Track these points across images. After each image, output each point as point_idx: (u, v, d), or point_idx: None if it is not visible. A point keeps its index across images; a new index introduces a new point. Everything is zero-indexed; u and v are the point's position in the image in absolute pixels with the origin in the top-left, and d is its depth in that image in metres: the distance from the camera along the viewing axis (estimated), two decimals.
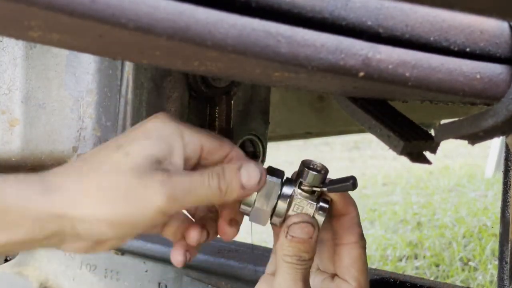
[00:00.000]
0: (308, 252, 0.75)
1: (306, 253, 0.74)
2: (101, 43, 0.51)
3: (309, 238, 0.74)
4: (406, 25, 0.56)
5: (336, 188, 0.75)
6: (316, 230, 0.75)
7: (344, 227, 0.79)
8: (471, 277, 3.21)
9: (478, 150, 6.48)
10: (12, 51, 0.85)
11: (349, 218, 0.79)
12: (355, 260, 0.79)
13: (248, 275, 1.24)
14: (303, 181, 0.76)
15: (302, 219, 0.75)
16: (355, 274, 0.79)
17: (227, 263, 1.28)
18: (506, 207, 0.89)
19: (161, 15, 0.45)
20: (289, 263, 0.75)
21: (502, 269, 0.90)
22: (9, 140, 0.87)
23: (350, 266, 0.79)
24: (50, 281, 1.63)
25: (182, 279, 1.34)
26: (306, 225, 0.75)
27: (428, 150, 0.71)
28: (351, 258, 0.79)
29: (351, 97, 0.72)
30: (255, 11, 0.49)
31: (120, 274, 1.48)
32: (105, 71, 0.92)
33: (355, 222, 0.79)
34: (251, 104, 1.10)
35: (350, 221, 0.79)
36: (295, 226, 0.75)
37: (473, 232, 3.79)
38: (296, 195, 0.76)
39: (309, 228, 0.75)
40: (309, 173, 0.75)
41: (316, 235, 0.75)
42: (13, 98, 0.86)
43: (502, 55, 0.60)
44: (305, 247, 0.74)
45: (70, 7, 0.43)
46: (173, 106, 1.01)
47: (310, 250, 0.75)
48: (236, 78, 0.91)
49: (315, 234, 0.75)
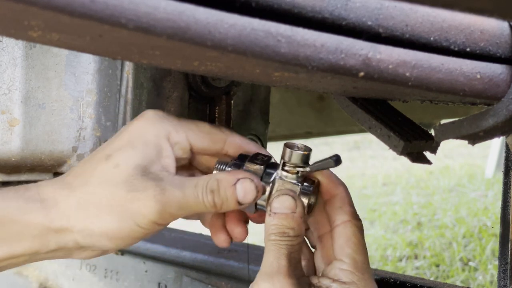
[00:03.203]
0: (292, 228, 0.71)
1: (291, 229, 0.71)
2: (101, 43, 0.51)
3: (291, 212, 0.71)
4: (406, 25, 0.56)
5: (318, 166, 0.74)
6: (300, 206, 0.72)
7: (334, 208, 0.77)
8: (471, 277, 3.21)
9: (478, 150, 6.48)
10: (12, 51, 0.85)
11: (339, 198, 0.77)
12: (349, 238, 0.75)
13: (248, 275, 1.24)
14: (286, 162, 0.74)
15: (281, 193, 0.73)
16: (349, 252, 0.75)
17: (227, 263, 1.28)
18: (506, 207, 0.89)
19: (161, 15, 0.45)
20: (273, 240, 0.71)
21: (502, 269, 0.90)
22: (9, 140, 0.86)
23: (344, 245, 0.75)
24: (50, 281, 1.63)
25: (182, 279, 1.34)
26: (286, 198, 0.72)
27: (428, 150, 0.71)
28: (345, 237, 0.75)
29: (351, 97, 0.72)
30: (255, 11, 0.49)
31: (120, 274, 1.48)
32: (105, 71, 0.92)
33: (346, 202, 0.77)
34: (251, 104, 1.10)
35: (341, 201, 0.77)
36: (275, 200, 0.72)
37: (473, 232, 3.79)
38: (278, 177, 0.74)
39: (289, 202, 0.72)
40: (292, 153, 0.74)
41: (300, 211, 0.72)
42: (12, 98, 0.86)
43: (502, 55, 0.60)
44: (288, 222, 0.71)
45: (70, 7, 0.43)
46: (173, 106, 1.01)
47: (295, 225, 0.71)
48: (236, 78, 0.91)
49: (299, 209, 0.72)
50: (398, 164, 6.56)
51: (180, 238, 1.47)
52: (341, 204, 0.77)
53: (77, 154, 0.92)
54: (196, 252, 1.34)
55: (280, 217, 0.71)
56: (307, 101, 1.87)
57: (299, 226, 0.72)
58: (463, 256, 3.43)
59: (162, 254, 1.38)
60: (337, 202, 0.77)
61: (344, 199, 0.77)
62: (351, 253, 0.75)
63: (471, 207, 4.45)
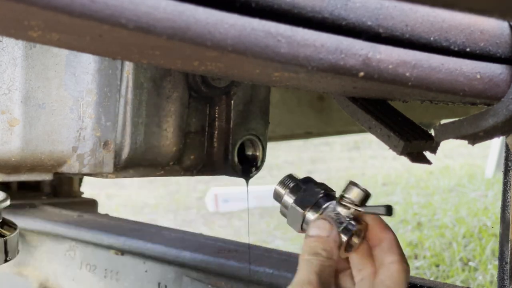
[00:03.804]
0: (325, 250, 0.73)
1: (323, 250, 0.73)
2: (101, 43, 0.51)
3: (326, 236, 0.74)
4: (406, 25, 0.56)
5: (371, 209, 0.76)
6: (334, 230, 0.74)
7: (383, 251, 0.76)
8: (471, 277, 3.21)
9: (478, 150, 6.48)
10: (12, 51, 0.85)
11: (388, 241, 0.76)
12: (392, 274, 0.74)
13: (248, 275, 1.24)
14: (344, 195, 0.76)
15: (319, 217, 0.76)
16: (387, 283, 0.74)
17: (227, 263, 1.28)
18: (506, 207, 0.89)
19: (161, 15, 0.45)
20: (306, 259, 0.73)
21: (502, 269, 0.90)
22: (9, 140, 0.87)
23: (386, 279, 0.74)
24: (50, 281, 1.63)
25: (182, 279, 1.34)
26: (323, 222, 0.75)
27: (428, 150, 0.71)
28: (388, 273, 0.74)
29: (351, 97, 0.72)
30: (255, 11, 0.49)
31: (120, 274, 1.48)
32: (104, 71, 0.92)
33: (394, 245, 0.76)
34: (251, 104, 1.10)
35: (389, 244, 0.76)
36: (312, 224, 0.75)
37: (473, 232, 3.79)
38: (330, 208, 0.77)
39: (325, 225, 0.74)
40: (353, 188, 0.76)
41: (335, 235, 0.74)
42: (12, 98, 0.86)
43: (502, 55, 0.60)
44: (322, 244, 0.73)
45: (70, 7, 0.43)
46: (173, 106, 1.01)
47: (328, 248, 0.73)
48: (236, 78, 0.91)
49: (333, 233, 0.74)
50: (398, 164, 6.57)
51: (180, 238, 1.47)
52: (390, 246, 0.77)
53: (77, 154, 0.92)
54: (196, 252, 1.34)
55: (314, 239, 0.74)
56: (307, 101, 1.87)
57: (331, 249, 0.74)
58: (463, 256, 3.43)
59: (162, 254, 1.38)
60: (385, 246, 0.77)
61: (393, 243, 0.77)
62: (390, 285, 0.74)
63: (471, 207, 4.45)
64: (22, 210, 1.75)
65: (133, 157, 0.99)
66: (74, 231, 1.57)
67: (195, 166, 1.08)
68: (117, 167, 0.98)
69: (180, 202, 5.69)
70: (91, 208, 1.90)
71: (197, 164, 1.08)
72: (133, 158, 0.99)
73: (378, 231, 0.77)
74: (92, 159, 0.93)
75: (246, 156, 1.07)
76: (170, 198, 5.83)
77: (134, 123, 0.96)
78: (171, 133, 1.02)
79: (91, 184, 4.15)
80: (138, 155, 0.99)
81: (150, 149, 1.00)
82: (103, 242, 1.50)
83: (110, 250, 1.49)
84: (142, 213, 5.25)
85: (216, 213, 5.31)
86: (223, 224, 4.93)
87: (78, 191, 1.98)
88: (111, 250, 1.49)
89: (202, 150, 1.08)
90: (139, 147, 0.98)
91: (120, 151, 0.97)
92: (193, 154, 1.07)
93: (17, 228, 1.12)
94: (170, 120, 1.01)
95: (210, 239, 1.50)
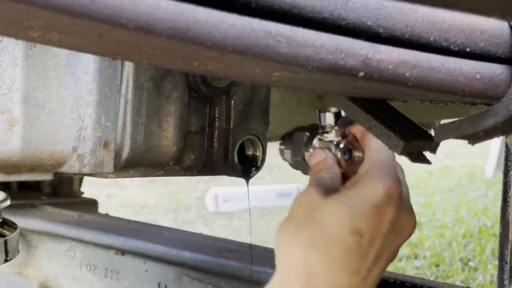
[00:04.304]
0: (325, 168, 0.80)
1: (324, 169, 0.80)
2: (101, 43, 0.51)
3: (322, 159, 0.81)
4: (406, 25, 0.56)
5: (343, 124, 0.84)
6: (327, 151, 0.81)
7: (369, 139, 0.79)
8: (471, 277, 3.21)
9: (478, 150, 6.48)
10: (12, 51, 0.85)
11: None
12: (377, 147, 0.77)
13: (248, 275, 1.24)
14: (321, 125, 0.85)
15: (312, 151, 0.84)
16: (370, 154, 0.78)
17: (227, 263, 1.28)
18: (506, 207, 0.89)
19: (161, 15, 0.45)
20: (310, 178, 0.80)
21: (502, 269, 0.90)
22: (9, 140, 0.87)
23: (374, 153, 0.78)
24: (50, 281, 1.63)
25: (182, 279, 1.34)
26: (315, 152, 0.82)
27: (428, 150, 0.71)
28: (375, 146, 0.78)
29: (351, 97, 0.72)
30: (255, 11, 0.49)
31: (120, 274, 1.48)
32: (105, 71, 0.92)
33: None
34: (251, 104, 1.10)
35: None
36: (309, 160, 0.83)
37: (473, 232, 3.79)
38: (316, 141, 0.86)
39: (317, 153, 0.82)
40: (325, 115, 0.85)
41: (329, 155, 0.81)
42: (13, 98, 0.86)
43: (502, 55, 0.60)
44: (322, 166, 0.80)
45: (70, 7, 0.43)
46: (173, 106, 1.01)
47: (328, 166, 0.80)
48: (236, 78, 0.91)
49: (328, 154, 0.81)
50: None
51: (180, 238, 1.47)
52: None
53: (77, 154, 0.92)
54: (196, 252, 1.34)
55: (315, 166, 0.81)
56: (307, 101, 1.87)
57: (331, 166, 0.80)
58: (463, 256, 3.43)
59: (162, 254, 1.38)
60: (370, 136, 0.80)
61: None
62: (371, 154, 0.77)
63: (471, 207, 4.45)
64: (22, 210, 1.75)
65: (133, 157, 0.99)
66: (74, 231, 1.57)
67: (195, 166, 1.08)
68: (117, 167, 0.98)
69: (180, 202, 5.69)
70: (91, 208, 1.90)
71: (197, 164, 1.08)
72: (133, 158, 0.99)
73: (360, 133, 0.82)
74: (92, 159, 0.94)
75: (246, 156, 1.07)
76: (170, 198, 5.83)
77: (134, 123, 0.96)
78: (171, 133, 1.02)
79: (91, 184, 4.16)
80: (138, 155, 0.99)
81: (150, 149, 1.00)
82: (103, 242, 1.50)
83: (110, 250, 1.49)
84: (142, 213, 5.25)
85: (216, 213, 5.31)
86: (223, 224, 4.93)
87: (78, 191, 1.98)
88: (111, 250, 1.49)
89: (202, 150, 1.08)
90: (139, 147, 0.98)
91: (120, 151, 0.97)
92: (193, 154, 1.07)
93: (17, 228, 1.12)
94: (170, 120, 1.01)
95: (210, 239, 1.50)
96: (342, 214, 0.73)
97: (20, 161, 0.88)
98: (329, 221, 0.72)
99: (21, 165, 0.89)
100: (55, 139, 0.90)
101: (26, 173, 0.92)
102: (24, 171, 0.91)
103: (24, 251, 1.65)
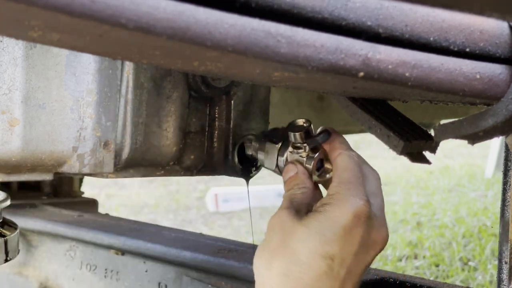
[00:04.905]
0: (297, 184, 0.85)
1: (296, 185, 0.85)
2: (101, 43, 0.51)
3: (294, 174, 0.86)
4: (406, 25, 0.56)
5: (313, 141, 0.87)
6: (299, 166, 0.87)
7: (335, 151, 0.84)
8: (471, 277, 3.21)
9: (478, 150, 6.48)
10: (12, 51, 0.85)
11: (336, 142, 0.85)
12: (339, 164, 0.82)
13: (248, 275, 1.24)
14: (291, 141, 0.89)
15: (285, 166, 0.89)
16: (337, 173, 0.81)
17: (227, 263, 1.28)
18: (506, 207, 0.89)
19: (161, 15, 0.45)
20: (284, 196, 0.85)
21: (502, 269, 0.90)
22: (9, 140, 0.87)
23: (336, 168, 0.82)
24: (50, 281, 1.63)
25: (182, 279, 1.34)
26: (287, 167, 0.88)
27: (428, 150, 0.71)
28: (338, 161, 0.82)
29: (351, 97, 0.73)
30: (255, 11, 0.49)
31: (120, 274, 1.48)
32: (105, 71, 0.92)
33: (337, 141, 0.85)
34: (251, 104, 1.10)
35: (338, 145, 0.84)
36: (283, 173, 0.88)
37: (473, 232, 3.79)
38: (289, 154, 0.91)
39: (289, 167, 0.88)
40: (295, 134, 0.88)
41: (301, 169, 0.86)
42: (13, 98, 0.86)
43: (502, 55, 0.60)
44: (294, 181, 0.86)
45: (70, 7, 0.43)
46: (173, 106, 1.01)
47: (299, 181, 0.85)
48: (236, 78, 0.91)
49: (299, 169, 0.87)
50: (398, 164, 6.57)
51: (180, 238, 1.47)
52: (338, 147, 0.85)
53: (77, 154, 0.92)
54: (196, 252, 1.34)
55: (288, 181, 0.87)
56: (307, 101, 1.87)
57: (303, 181, 0.85)
58: (462, 256, 3.43)
59: (162, 254, 1.38)
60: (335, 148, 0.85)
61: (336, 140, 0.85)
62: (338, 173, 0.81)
63: (471, 207, 4.45)
64: (22, 210, 1.75)
65: (133, 157, 0.99)
66: (74, 231, 1.57)
67: (195, 166, 1.08)
68: (117, 167, 0.98)
69: (180, 202, 5.69)
70: (91, 208, 1.91)
71: (197, 164, 1.08)
72: (133, 158, 0.99)
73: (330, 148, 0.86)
74: (92, 159, 0.94)
75: (246, 156, 1.07)
76: (170, 198, 5.83)
77: (134, 123, 0.97)
78: (171, 133, 1.02)
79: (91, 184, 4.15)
80: (138, 155, 0.99)
81: (150, 149, 1.00)
82: (103, 242, 1.50)
83: (110, 250, 1.49)
84: (142, 213, 5.25)
85: (216, 213, 5.31)
86: (223, 224, 4.93)
87: (79, 191, 1.98)
88: (111, 250, 1.49)
89: (202, 150, 1.08)
90: (139, 147, 0.98)
91: (120, 151, 0.97)
92: (193, 154, 1.07)
93: (17, 228, 1.12)
94: (170, 120, 1.01)
95: (210, 239, 1.50)
96: (313, 240, 0.76)
97: (20, 161, 0.88)
98: (301, 248, 0.76)
99: (21, 165, 0.89)
100: (55, 139, 0.90)
101: (26, 173, 0.92)
102: (24, 171, 0.91)
103: (24, 251, 1.65)
